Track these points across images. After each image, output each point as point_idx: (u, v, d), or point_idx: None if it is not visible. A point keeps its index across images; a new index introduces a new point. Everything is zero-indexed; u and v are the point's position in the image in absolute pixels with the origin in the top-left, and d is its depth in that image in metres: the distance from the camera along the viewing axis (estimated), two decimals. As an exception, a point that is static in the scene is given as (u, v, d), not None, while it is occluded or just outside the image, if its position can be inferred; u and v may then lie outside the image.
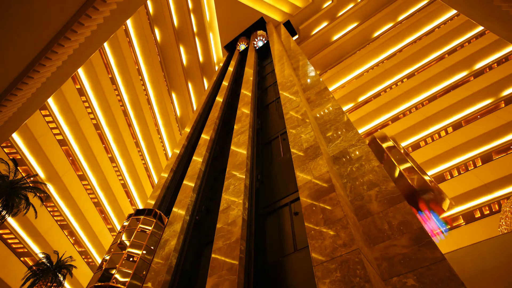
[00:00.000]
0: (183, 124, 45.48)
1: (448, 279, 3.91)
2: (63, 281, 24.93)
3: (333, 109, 9.98)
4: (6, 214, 19.97)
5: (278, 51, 19.98)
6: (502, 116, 22.11)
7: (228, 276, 5.99)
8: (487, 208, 20.95)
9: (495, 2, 8.96)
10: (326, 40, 37.55)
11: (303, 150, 7.78)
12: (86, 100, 31.84)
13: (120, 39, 32.88)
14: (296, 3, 35.10)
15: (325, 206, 5.63)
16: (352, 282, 4.09)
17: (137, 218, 9.35)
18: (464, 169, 23.28)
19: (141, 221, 9.20)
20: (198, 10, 34.27)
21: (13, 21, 9.99)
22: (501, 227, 14.73)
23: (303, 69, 15.81)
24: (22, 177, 21.67)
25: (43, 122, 27.80)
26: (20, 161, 26.65)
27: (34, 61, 11.88)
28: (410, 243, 4.64)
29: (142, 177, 41.78)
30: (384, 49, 33.49)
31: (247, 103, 14.64)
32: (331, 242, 4.87)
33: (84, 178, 33.06)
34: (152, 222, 9.36)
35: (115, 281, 7.44)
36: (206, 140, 14.87)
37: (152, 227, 9.21)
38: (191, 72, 39.70)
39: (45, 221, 28.57)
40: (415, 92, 28.49)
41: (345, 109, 33.79)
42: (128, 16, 14.75)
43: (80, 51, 13.23)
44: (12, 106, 12.92)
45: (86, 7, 11.20)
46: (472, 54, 26.30)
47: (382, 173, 6.25)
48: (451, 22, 29.41)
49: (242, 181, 8.87)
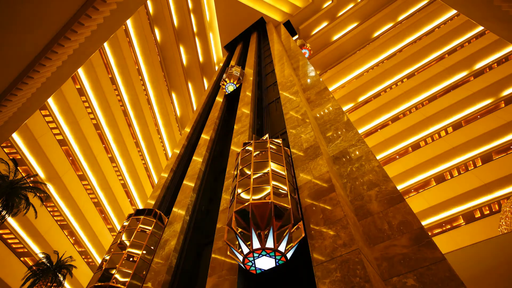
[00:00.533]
0: (183, 124, 45.48)
1: (448, 279, 3.91)
2: (63, 281, 24.94)
3: (333, 109, 9.98)
4: (6, 214, 19.97)
5: (278, 51, 19.98)
6: (502, 116, 22.11)
7: (228, 276, 5.99)
8: (487, 208, 20.95)
9: (495, 2, 8.96)
10: (326, 40, 37.57)
11: (303, 150, 7.78)
12: (86, 100, 31.84)
13: (120, 39, 32.88)
14: (296, 3, 35.12)
15: (325, 206, 5.63)
16: (352, 282, 4.10)
17: (137, 218, 9.34)
18: (464, 169, 23.29)
19: (141, 221, 9.19)
20: (198, 10, 34.29)
21: (13, 21, 10.00)
22: (501, 227, 14.73)
23: (303, 69, 15.82)
24: (22, 177, 21.68)
25: (43, 122, 27.81)
26: (20, 161, 26.66)
27: (34, 61, 11.89)
28: (410, 243, 4.64)
29: (142, 177, 41.79)
30: (384, 49, 33.49)
31: (247, 103, 14.64)
32: (331, 242, 4.87)
33: (84, 178, 33.07)
34: (152, 222, 9.35)
35: (115, 281, 7.43)
36: (206, 140, 14.87)
37: (152, 227, 9.21)
38: (191, 72, 39.71)
39: (45, 221, 28.57)
40: (415, 92, 28.49)
41: (345, 109, 33.80)
42: (128, 16, 14.76)
43: (80, 51, 13.24)
44: (12, 106, 12.92)
45: (86, 7, 11.21)
46: (472, 54, 26.30)
47: (382, 173, 6.25)
48: (451, 22, 29.42)
49: (242, 181, 8.86)
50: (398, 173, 25.15)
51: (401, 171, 25.16)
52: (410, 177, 25.06)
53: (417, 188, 24.89)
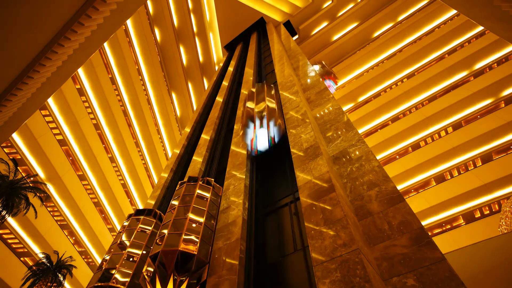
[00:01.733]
0: (183, 124, 45.48)
1: (448, 279, 3.91)
2: (63, 281, 24.93)
3: (333, 109, 9.98)
4: (6, 214, 19.98)
5: (278, 51, 19.98)
6: (502, 116, 22.10)
7: (228, 276, 5.99)
8: (487, 208, 20.95)
9: (495, 2, 8.96)
10: (326, 40, 37.56)
11: (303, 150, 7.78)
12: (86, 100, 31.84)
13: (120, 39, 32.87)
14: (296, 3, 35.11)
15: (325, 206, 5.63)
16: (352, 282, 4.10)
17: (137, 218, 9.33)
18: (464, 169, 23.28)
19: (141, 221, 9.17)
20: (198, 10, 34.28)
21: (13, 21, 10.00)
22: (501, 227, 14.72)
23: (303, 69, 15.81)
24: (22, 177, 21.69)
25: (43, 122, 27.80)
26: (20, 161, 26.65)
27: (34, 61, 11.89)
28: (410, 243, 4.64)
29: (142, 177, 41.79)
30: (384, 49, 33.49)
31: (247, 103, 14.63)
32: (331, 242, 4.87)
33: (84, 178, 33.07)
34: (152, 222, 9.34)
35: (115, 281, 7.43)
36: (206, 140, 14.87)
37: (152, 227, 9.20)
38: (191, 72, 39.71)
39: (45, 221, 28.57)
40: (415, 92, 28.49)
41: (345, 109, 33.80)
42: (128, 16, 14.76)
43: (80, 51, 13.24)
44: (12, 106, 12.92)
45: (86, 7, 11.21)
46: (472, 54, 26.30)
47: (382, 173, 6.25)
48: (451, 22, 29.41)
49: (242, 181, 8.87)
50: (398, 173, 25.14)
51: (401, 171, 25.16)
52: (410, 177, 25.06)
53: (417, 188, 24.89)
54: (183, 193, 8.23)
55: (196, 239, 6.84)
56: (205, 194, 8.38)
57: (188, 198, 8.08)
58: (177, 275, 6.20)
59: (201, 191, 8.40)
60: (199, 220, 7.45)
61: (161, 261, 6.32)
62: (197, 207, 7.77)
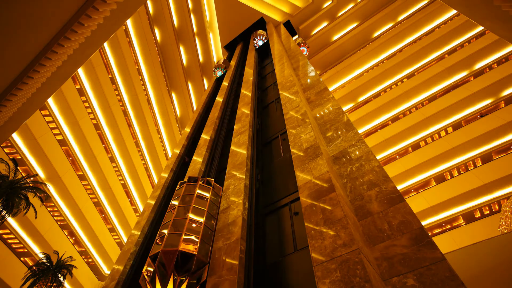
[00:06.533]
0: (183, 124, 45.48)
1: (448, 279, 3.91)
2: (63, 281, 24.95)
3: (333, 109, 9.98)
4: (6, 214, 19.98)
5: (278, 51, 19.98)
6: (502, 116, 22.09)
7: (228, 276, 5.99)
8: (487, 208, 20.95)
9: (495, 2, 8.96)
10: (326, 40, 37.55)
11: (303, 150, 7.78)
12: (86, 100, 31.84)
13: (120, 39, 32.87)
14: (296, 3, 35.11)
15: (325, 206, 5.63)
16: (352, 282, 4.10)
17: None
18: (464, 169, 23.28)
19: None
20: (198, 10, 34.27)
21: (13, 21, 9.99)
22: (501, 227, 14.72)
23: (303, 69, 15.81)
24: (22, 177, 21.68)
25: (43, 122, 27.80)
26: (20, 161, 26.66)
27: (34, 61, 11.88)
28: (410, 243, 4.64)
29: (142, 177, 41.78)
30: (384, 49, 33.48)
31: (247, 103, 14.65)
32: (331, 242, 4.87)
33: (84, 178, 33.07)
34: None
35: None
36: (206, 140, 14.88)
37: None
38: (191, 72, 39.70)
39: (45, 221, 28.57)
40: (415, 92, 28.48)
41: (345, 109, 33.79)
42: (128, 16, 14.74)
43: (80, 51, 13.23)
44: (12, 106, 12.92)
45: (86, 7, 11.20)
46: (472, 54, 26.29)
47: (382, 173, 6.25)
48: (451, 22, 29.40)
49: (242, 181, 8.87)
50: (398, 173, 25.14)
51: (401, 171, 25.15)
52: (410, 177, 25.05)
53: (417, 188, 24.88)
54: (183, 193, 8.21)
55: (196, 239, 6.83)
56: (205, 194, 8.36)
57: (188, 198, 8.05)
58: (177, 275, 6.19)
59: (201, 191, 8.37)
60: (199, 220, 7.43)
61: (161, 261, 6.32)
62: (197, 207, 7.74)
